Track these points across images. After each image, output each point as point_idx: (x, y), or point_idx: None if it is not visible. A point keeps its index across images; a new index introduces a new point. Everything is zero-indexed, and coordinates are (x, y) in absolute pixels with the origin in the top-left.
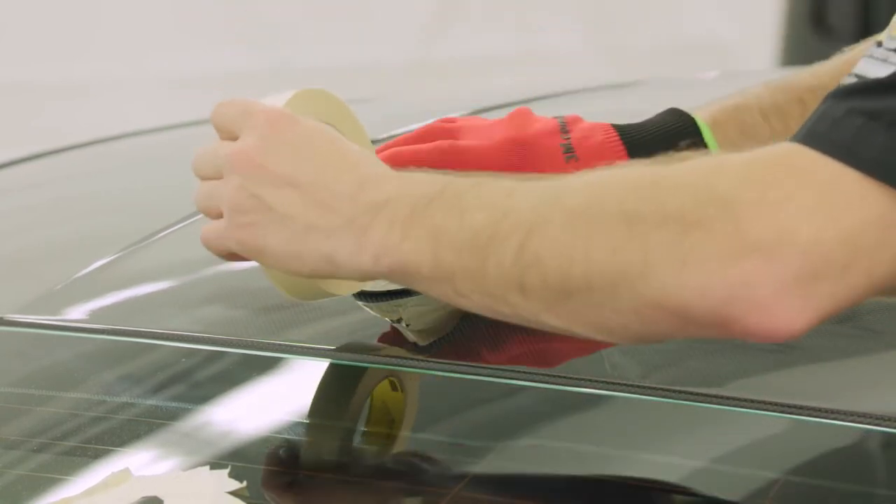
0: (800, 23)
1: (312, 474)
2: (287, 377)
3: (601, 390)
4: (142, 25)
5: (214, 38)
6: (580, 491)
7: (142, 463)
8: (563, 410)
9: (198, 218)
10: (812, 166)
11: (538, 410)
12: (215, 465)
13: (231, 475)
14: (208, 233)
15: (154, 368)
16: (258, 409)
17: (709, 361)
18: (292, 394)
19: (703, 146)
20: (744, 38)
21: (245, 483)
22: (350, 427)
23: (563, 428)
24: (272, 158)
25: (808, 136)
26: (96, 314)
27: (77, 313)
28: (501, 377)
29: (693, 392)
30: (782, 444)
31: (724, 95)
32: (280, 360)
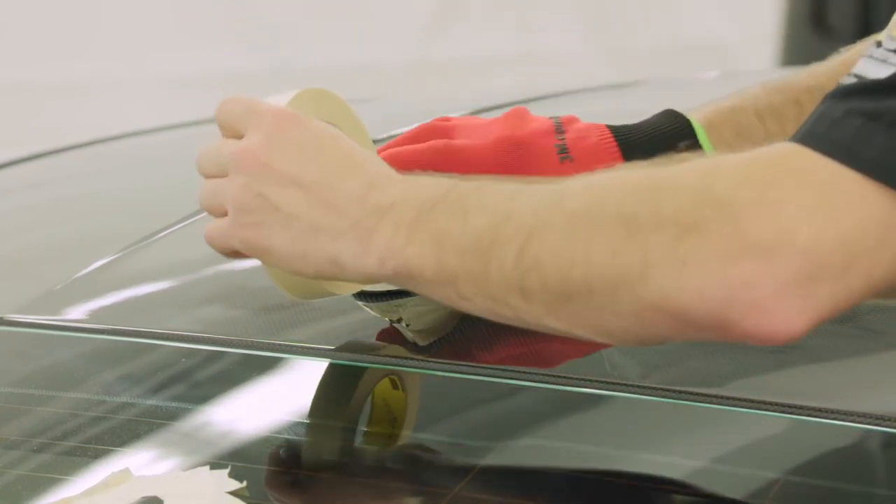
0: (800, 23)
1: (312, 474)
2: (287, 377)
3: (601, 390)
4: (142, 25)
5: (214, 38)
6: (580, 491)
7: (142, 463)
8: (563, 410)
9: (198, 218)
10: (811, 167)
11: (538, 410)
12: (215, 465)
13: (231, 475)
14: (212, 231)
15: (154, 368)
16: (258, 409)
17: (709, 361)
18: (292, 394)
19: (699, 148)
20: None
21: (245, 483)
22: (350, 427)
23: (563, 428)
24: (278, 158)
25: (807, 136)
26: (96, 314)
27: (77, 313)
28: (501, 377)
29: (693, 392)
30: (782, 444)
31: (721, 96)
32: (280, 360)
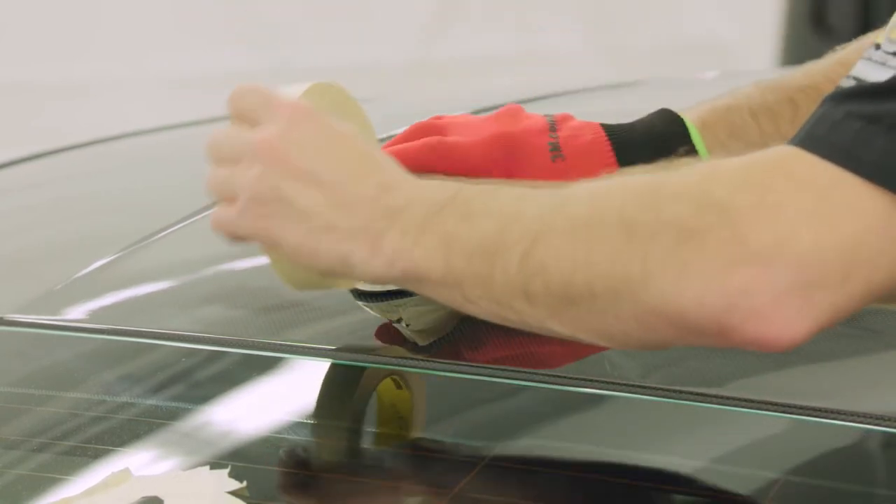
0: (800, 23)
1: (312, 474)
2: (287, 377)
3: (601, 390)
4: (142, 25)
5: (214, 38)
6: (580, 491)
7: (142, 463)
8: (563, 410)
9: (198, 218)
10: (811, 170)
11: (538, 410)
12: (215, 465)
13: (231, 475)
14: (221, 217)
15: (154, 368)
16: (258, 409)
17: (709, 361)
18: (292, 394)
19: (692, 147)
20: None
21: (245, 483)
22: (350, 427)
23: (563, 428)
24: (296, 152)
25: (805, 139)
26: (96, 314)
27: (77, 313)
28: (501, 377)
29: (693, 392)
30: (782, 444)
31: (715, 96)
32: (280, 360)
